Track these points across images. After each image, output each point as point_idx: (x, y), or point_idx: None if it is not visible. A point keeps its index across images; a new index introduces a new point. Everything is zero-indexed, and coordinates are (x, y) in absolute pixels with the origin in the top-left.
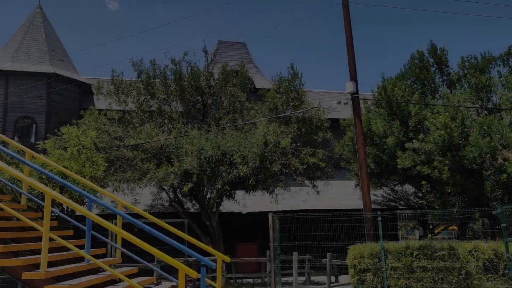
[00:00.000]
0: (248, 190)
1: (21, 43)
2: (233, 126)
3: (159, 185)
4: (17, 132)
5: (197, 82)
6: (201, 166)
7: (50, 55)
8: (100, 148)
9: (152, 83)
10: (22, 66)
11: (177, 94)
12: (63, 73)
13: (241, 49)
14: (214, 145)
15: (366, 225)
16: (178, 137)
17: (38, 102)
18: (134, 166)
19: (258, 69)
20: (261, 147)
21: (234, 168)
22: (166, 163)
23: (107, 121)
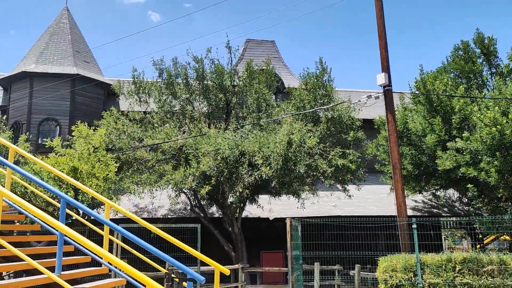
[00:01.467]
0: (273, 195)
1: (47, 45)
2: (256, 126)
3: (178, 188)
4: (41, 134)
5: (221, 80)
6: (219, 167)
7: (75, 56)
8: (117, 149)
9: (173, 82)
10: (46, 67)
11: (199, 93)
12: (87, 74)
13: (270, 47)
14: (232, 145)
15: (400, 233)
16: (195, 137)
17: (62, 104)
18: (151, 168)
19: (288, 68)
20: (284, 147)
21: (256, 170)
22: (184, 165)
23: (127, 121)
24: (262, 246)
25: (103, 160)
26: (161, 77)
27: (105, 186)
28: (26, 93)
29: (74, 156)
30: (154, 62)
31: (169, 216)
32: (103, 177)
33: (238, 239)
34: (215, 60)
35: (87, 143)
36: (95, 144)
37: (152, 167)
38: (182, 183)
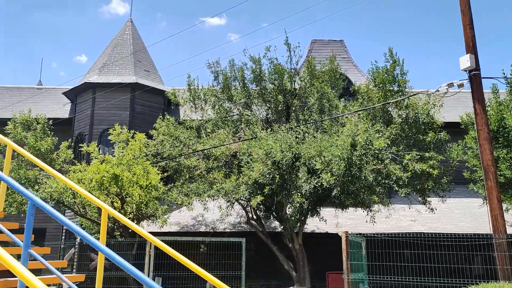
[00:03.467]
0: (338, 206)
1: (109, 57)
2: (318, 129)
3: (229, 198)
4: (103, 144)
5: (280, 80)
6: (270, 174)
7: (136, 66)
8: (167, 157)
9: (229, 85)
10: (107, 78)
11: (256, 96)
12: (147, 83)
13: (338, 47)
14: (285, 147)
15: (498, 254)
16: (246, 141)
17: (122, 114)
18: (202, 177)
19: (359, 68)
20: (347, 150)
21: (315, 177)
22: (236, 173)
23: (181, 128)
24: (329, 265)
25: (143, 166)
26: (216, 80)
27: (149, 196)
28: (89, 104)
29: (114, 163)
30: (209, 64)
31: (228, 230)
32: (146, 186)
33: (300, 257)
34: (274, 59)
35: (127, 149)
36: (135, 149)
37: (203, 176)
38: (233, 193)
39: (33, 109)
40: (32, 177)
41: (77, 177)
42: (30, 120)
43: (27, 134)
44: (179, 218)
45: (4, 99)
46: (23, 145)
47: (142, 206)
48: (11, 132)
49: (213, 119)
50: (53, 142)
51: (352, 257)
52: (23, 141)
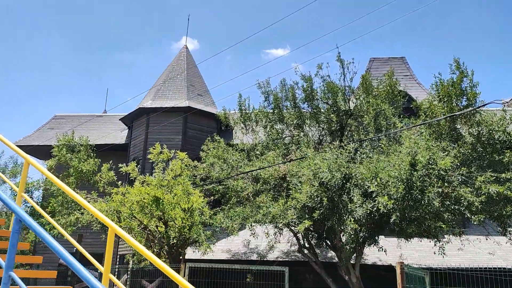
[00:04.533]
0: (400, 235)
1: (164, 82)
2: (374, 147)
3: (276, 223)
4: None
5: (333, 99)
6: (318, 196)
7: (188, 90)
8: (214, 179)
9: (279, 105)
10: (161, 103)
11: (308, 116)
12: (199, 107)
13: (399, 64)
14: (334, 167)
15: None
16: (295, 162)
17: (175, 138)
18: (249, 200)
19: (423, 86)
20: (406, 170)
21: (370, 201)
22: (285, 196)
23: (230, 150)
24: None
25: (184, 187)
26: (267, 101)
27: (191, 220)
28: (143, 129)
29: (154, 184)
30: (259, 85)
31: (280, 259)
32: (187, 208)
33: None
34: (326, 77)
35: (168, 170)
36: (176, 170)
37: (251, 200)
38: (281, 218)
39: (95, 135)
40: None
41: (119, 199)
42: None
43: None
44: (230, 245)
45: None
46: (68, 168)
47: (184, 231)
48: (57, 154)
49: (263, 141)
50: (95, 163)
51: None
52: (67, 163)
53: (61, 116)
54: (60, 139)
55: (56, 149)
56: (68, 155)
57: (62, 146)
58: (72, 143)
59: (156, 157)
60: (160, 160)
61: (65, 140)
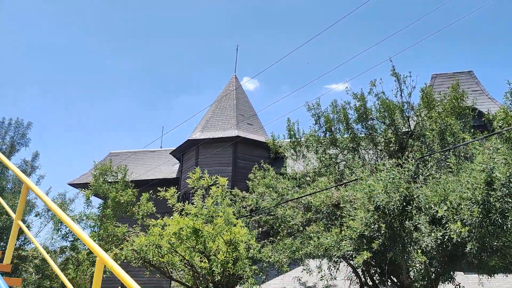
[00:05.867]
0: (482, 270)
1: (213, 113)
2: (440, 167)
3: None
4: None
5: (390, 117)
6: (374, 223)
7: (238, 120)
8: (261, 208)
9: (331, 127)
10: (210, 134)
11: (363, 137)
12: (247, 135)
13: (466, 79)
14: (391, 188)
15: None
16: (348, 186)
17: (225, 170)
18: (299, 230)
19: (496, 101)
20: (481, 189)
21: (440, 229)
22: (338, 225)
23: (279, 178)
24: None
25: (225, 216)
26: (318, 124)
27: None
28: (193, 162)
29: (193, 213)
30: (309, 107)
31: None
32: (230, 241)
33: None
34: (381, 93)
35: (208, 198)
36: (214, 196)
37: (301, 231)
38: (335, 249)
39: (148, 171)
40: (120, 234)
41: (157, 232)
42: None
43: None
44: (287, 284)
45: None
46: (106, 199)
47: (229, 266)
48: (93, 184)
49: (315, 167)
50: (134, 194)
51: None
52: (105, 194)
53: (116, 153)
54: (97, 167)
55: (93, 180)
56: (105, 185)
57: (98, 176)
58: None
59: (195, 183)
60: (200, 187)
61: (102, 169)
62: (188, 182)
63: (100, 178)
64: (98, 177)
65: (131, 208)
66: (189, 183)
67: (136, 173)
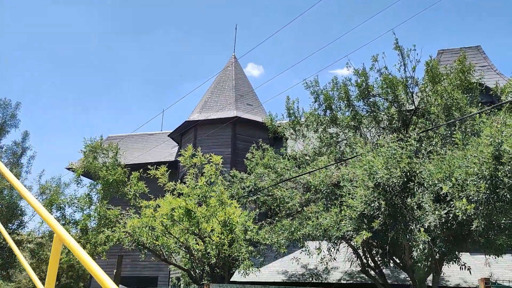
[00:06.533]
0: (489, 250)
1: (211, 94)
2: (445, 143)
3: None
4: None
5: (393, 93)
6: (374, 200)
7: (237, 100)
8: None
9: (331, 105)
10: (207, 115)
11: (365, 115)
12: (246, 116)
13: (474, 54)
14: (392, 163)
15: None
16: (344, 163)
17: (224, 152)
18: (298, 211)
19: (505, 77)
20: (488, 164)
21: (444, 206)
22: (338, 205)
23: (278, 157)
24: None
25: (218, 196)
26: (317, 101)
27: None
28: (192, 144)
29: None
30: (307, 84)
31: (343, 282)
32: (225, 222)
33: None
34: (384, 68)
35: (201, 178)
36: (208, 175)
37: (299, 211)
38: (334, 229)
39: (146, 154)
40: (112, 216)
41: (150, 213)
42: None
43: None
44: (287, 266)
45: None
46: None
47: (224, 248)
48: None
49: (315, 146)
50: (125, 173)
51: None
52: (95, 173)
53: (114, 136)
54: (87, 145)
55: (84, 158)
56: (95, 164)
57: (89, 153)
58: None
59: (187, 161)
60: (193, 165)
61: (92, 146)
62: (180, 160)
63: (90, 156)
64: (88, 154)
65: (122, 188)
66: (181, 161)
67: (135, 157)
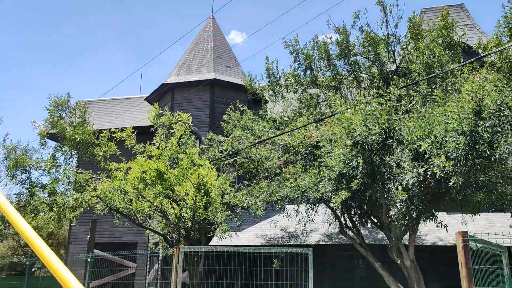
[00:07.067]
0: (467, 208)
1: (188, 56)
2: (426, 101)
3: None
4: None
5: (374, 51)
6: (353, 159)
7: (215, 62)
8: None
9: (311, 65)
10: (184, 77)
11: (346, 75)
12: (226, 79)
13: (457, 12)
14: (371, 119)
15: None
16: (323, 122)
17: (202, 115)
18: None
19: (488, 35)
20: (469, 120)
21: (422, 164)
22: (317, 166)
23: (257, 119)
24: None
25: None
26: (297, 61)
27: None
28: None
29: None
30: (286, 43)
31: (322, 243)
32: (199, 184)
33: (413, 277)
34: (365, 26)
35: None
36: (176, 134)
37: (278, 174)
38: (312, 191)
39: (122, 119)
40: (82, 181)
41: (121, 176)
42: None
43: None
44: (267, 230)
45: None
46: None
47: (199, 212)
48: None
49: (295, 107)
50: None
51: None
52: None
53: (90, 101)
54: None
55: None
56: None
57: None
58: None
59: (155, 120)
60: (161, 125)
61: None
62: (147, 119)
63: (56, 115)
64: (53, 110)
65: (91, 149)
66: (148, 120)
67: (110, 121)
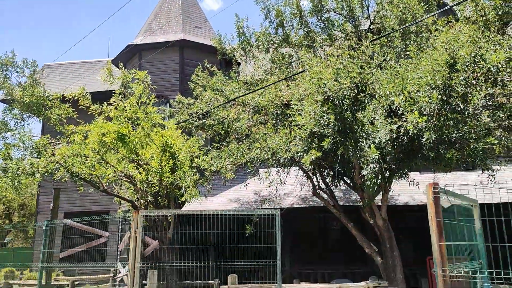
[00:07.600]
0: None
1: (156, 16)
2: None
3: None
4: None
5: (348, 7)
6: (323, 115)
7: (184, 22)
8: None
9: (283, 22)
10: (152, 38)
11: (319, 33)
12: (196, 40)
13: None
14: (342, 73)
15: None
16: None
17: (171, 78)
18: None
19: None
20: (442, 73)
21: (395, 121)
22: (288, 126)
23: (227, 80)
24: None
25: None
26: (268, 18)
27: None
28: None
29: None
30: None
31: (296, 206)
32: (164, 146)
33: (385, 237)
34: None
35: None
36: (136, 92)
37: (248, 135)
38: (283, 151)
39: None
40: (39, 146)
41: (80, 140)
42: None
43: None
44: (240, 194)
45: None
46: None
47: (166, 176)
48: None
49: (266, 68)
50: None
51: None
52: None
53: (51, 65)
54: None
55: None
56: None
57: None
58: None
59: (108, 80)
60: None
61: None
62: (101, 78)
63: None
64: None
65: (44, 112)
66: (102, 79)
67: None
